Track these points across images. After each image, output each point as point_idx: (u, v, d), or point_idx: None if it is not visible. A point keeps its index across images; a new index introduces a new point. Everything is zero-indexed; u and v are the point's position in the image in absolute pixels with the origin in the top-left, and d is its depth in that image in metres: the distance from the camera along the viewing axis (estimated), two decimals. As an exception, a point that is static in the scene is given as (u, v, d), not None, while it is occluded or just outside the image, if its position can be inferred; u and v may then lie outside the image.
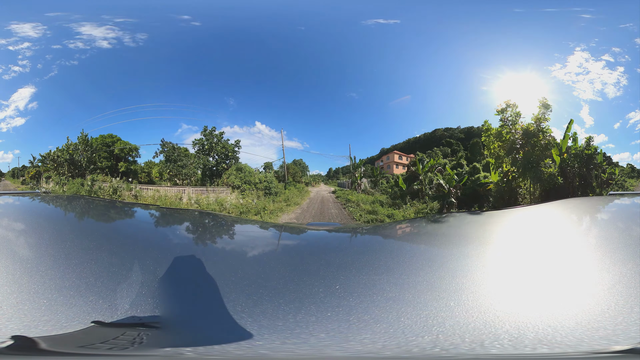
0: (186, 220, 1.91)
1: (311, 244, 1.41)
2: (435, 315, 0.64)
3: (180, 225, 1.70)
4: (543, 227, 1.45)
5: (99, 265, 0.86)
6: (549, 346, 0.55)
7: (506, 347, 0.55)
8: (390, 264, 0.96)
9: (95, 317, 0.63)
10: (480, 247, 1.12)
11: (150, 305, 0.70)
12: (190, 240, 1.38)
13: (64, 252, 0.91)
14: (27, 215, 1.47)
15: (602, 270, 0.80)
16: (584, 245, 1.08)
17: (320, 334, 0.61)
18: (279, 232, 1.70)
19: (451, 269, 0.90)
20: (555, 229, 1.40)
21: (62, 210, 1.75)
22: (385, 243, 1.43)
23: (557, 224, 1.51)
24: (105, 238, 1.22)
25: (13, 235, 1.10)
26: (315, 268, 0.95)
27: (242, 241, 1.45)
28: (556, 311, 0.64)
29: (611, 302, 0.65)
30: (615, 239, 1.07)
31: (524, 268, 0.88)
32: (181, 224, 1.72)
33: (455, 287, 0.76)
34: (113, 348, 0.57)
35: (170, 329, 0.64)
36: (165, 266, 0.91)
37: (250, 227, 1.79)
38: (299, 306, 0.70)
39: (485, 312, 0.65)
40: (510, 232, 1.41)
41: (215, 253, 1.17)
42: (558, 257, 0.95)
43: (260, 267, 0.98)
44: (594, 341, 0.55)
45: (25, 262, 0.83)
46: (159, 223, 1.70)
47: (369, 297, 0.73)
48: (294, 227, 2.10)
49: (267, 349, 0.58)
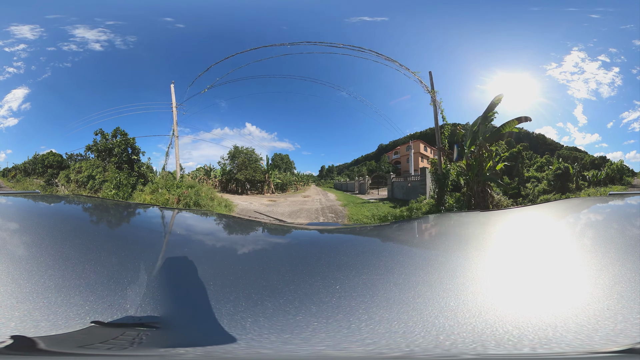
0: (186, 220, 1.91)
1: (311, 244, 1.41)
2: (436, 315, 0.64)
3: (180, 225, 1.70)
4: (543, 227, 1.45)
5: (98, 265, 0.86)
6: (549, 346, 0.55)
7: (506, 347, 0.55)
8: (391, 264, 0.96)
9: (94, 317, 0.63)
10: (480, 247, 1.13)
11: (150, 305, 0.69)
12: (190, 240, 1.37)
13: (63, 252, 0.91)
14: (26, 215, 1.46)
15: (601, 270, 0.80)
16: (583, 245, 1.08)
17: (320, 334, 0.61)
18: (279, 232, 1.70)
19: (451, 269, 0.90)
20: (555, 229, 1.40)
21: (62, 210, 1.75)
22: (385, 243, 1.43)
23: (556, 224, 1.51)
24: (105, 238, 1.22)
25: (12, 235, 1.09)
26: (316, 268, 0.95)
27: (242, 241, 1.45)
28: (556, 311, 0.64)
29: (611, 302, 0.65)
30: (615, 238, 1.07)
31: (523, 268, 0.88)
32: (181, 224, 1.72)
33: (455, 287, 0.76)
34: (112, 348, 0.57)
35: (170, 329, 0.64)
36: (165, 266, 0.91)
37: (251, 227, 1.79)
38: (299, 306, 0.70)
39: (486, 312, 0.65)
40: (510, 232, 1.41)
41: (215, 253, 1.17)
42: (558, 257, 0.95)
43: (260, 267, 0.98)
44: (594, 341, 0.55)
45: (25, 262, 0.83)
46: (159, 223, 1.69)
47: (370, 297, 0.73)
48: (294, 227, 2.10)
49: (267, 349, 0.58)
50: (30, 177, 13.56)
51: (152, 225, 1.65)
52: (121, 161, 11.87)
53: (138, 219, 1.77)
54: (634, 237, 1.09)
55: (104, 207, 2.00)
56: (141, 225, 1.63)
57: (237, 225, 1.89)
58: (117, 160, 11.80)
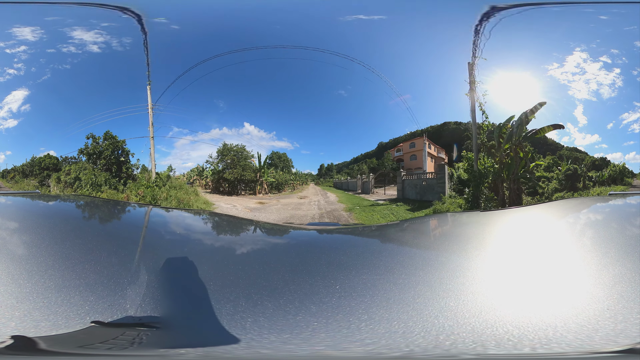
0: (186, 220, 1.91)
1: (311, 244, 1.41)
2: (436, 315, 0.64)
3: (181, 225, 1.70)
4: (543, 227, 1.45)
5: (98, 265, 0.86)
6: (549, 346, 0.55)
7: (506, 347, 0.55)
8: (391, 264, 0.96)
9: (94, 317, 0.63)
10: (480, 247, 1.13)
11: (150, 305, 0.69)
12: (191, 240, 1.37)
13: (63, 252, 0.91)
14: (26, 214, 1.46)
15: (601, 270, 0.80)
16: (583, 245, 1.08)
17: (320, 334, 0.61)
18: (279, 232, 1.70)
19: (451, 269, 0.90)
20: (554, 229, 1.40)
21: (62, 210, 1.75)
22: (385, 243, 1.43)
23: (556, 224, 1.51)
24: (105, 238, 1.22)
25: (12, 235, 1.09)
26: (316, 268, 0.95)
27: (242, 241, 1.45)
28: (556, 311, 0.64)
29: (611, 302, 0.65)
30: (615, 238, 1.07)
31: (523, 268, 0.88)
32: (181, 224, 1.72)
33: (455, 287, 0.76)
34: (112, 348, 0.57)
35: (170, 329, 0.64)
36: (166, 266, 0.91)
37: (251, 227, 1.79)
38: (299, 306, 0.70)
39: (486, 312, 0.65)
40: (510, 232, 1.41)
41: (215, 253, 1.17)
42: (558, 257, 0.95)
43: (260, 267, 0.98)
44: (594, 341, 0.55)
45: (25, 261, 0.83)
46: (159, 223, 1.69)
47: (370, 297, 0.73)
48: (294, 227, 2.10)
49: (267, 349, 0.58)
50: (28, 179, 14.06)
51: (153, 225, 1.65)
52: (109, 163, 12.40)
53: (138, 219, 1.77)
54: (634, 237, 1.09)
55: (104, 207, 2.00)
56: (141, 225, 1.63)
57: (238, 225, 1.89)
58: (106, 162, 12.36)
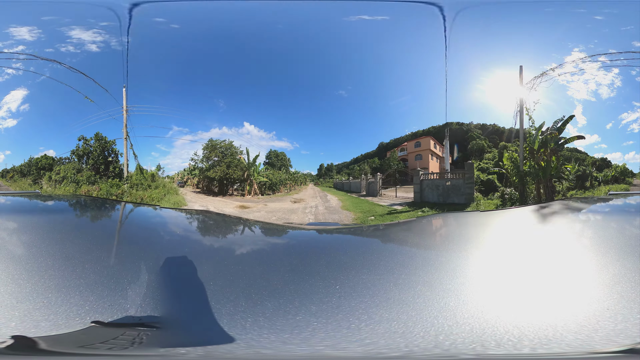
0: (186, 219, 1.91)
1: (311, 244, 1.41)
2: (436, 315, 0.64)
3: (181, 224, 1.70)
4: (542, 227, 1.45)
5: (98, 265, 0.86)
6: (549, 346, 0.55)
7: (506, 347, 0.56)
8: (391, 264, 0.96)
9: (94, 317, 0.63)
10: (480, 247, 1.13)
11: (150, 305, 0.69)
12: (191, 240, 1.37)
13: (63, 252, 0.91)
14: (26, 214, 1.46)
15: (601, 270, 0.80)
16: (583, 245, 1.08)
17: (320, 334, 0.61)
18: (279, 232, 1.70)
19: (451, 269, 0.90)
20: (554, 229, 1.40)
21: (61, 210, 1.75)
22: (385, 243, 1.43)
23: (556, 224, 1.51)
24: (105, 238, 1.22)
25: (12, 235, 1.09)
26: (315, 268, 0.95)
27: (242, 241, 1.45)
28: (556, 311, 0.64)
29: (611, 302, 0.65)
30: (615, 238, 1.07)
31: (524, 268, 0.88)
32: (181, 224, 1.72)
33: (455, 287, 0.76)
34: (113, 348, 0.57)
35: (170, 329, 0.64)
36: (165, 266, 0.91)
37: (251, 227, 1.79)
38: (299, 306, 0.70)
39: (486, 312, 0.65)
40: (510, 232, 1.41)
41: (215, 253, 1.17)
42: (558, 257, 0.95)
43: (260, 267, 0.98)
44: (594, 341, 0.55)
45: (25, 261, 0.83)
46: (159, 222, 1.69)
47: (370, 297, 0.73)
48: (294, 227, 2.10)
49: (267, 349, 0.58)
50: (26, 178, 14.51)
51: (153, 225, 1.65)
52: (98, 163, 12.95)
53: (138, 219, 1.77)
54: (634, 237, 1.09)
55: (104, 207, 2.00)
56: (141, 225, 1.63)
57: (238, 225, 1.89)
58: (94, 162, 12.97)
